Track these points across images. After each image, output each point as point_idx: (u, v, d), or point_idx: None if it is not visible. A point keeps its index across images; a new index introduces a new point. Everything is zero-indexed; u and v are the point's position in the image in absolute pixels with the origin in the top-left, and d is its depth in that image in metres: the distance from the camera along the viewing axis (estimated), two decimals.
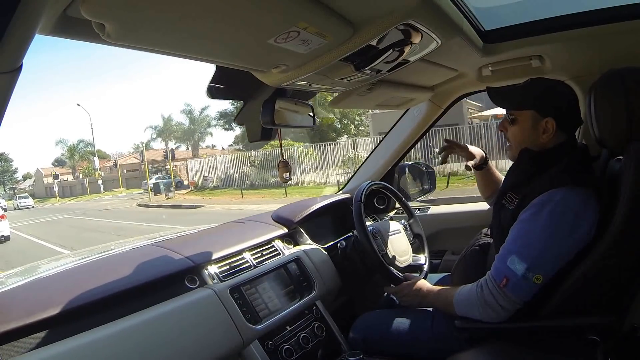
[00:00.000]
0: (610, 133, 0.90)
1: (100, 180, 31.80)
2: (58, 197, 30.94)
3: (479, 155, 1.37)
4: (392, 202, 1.86)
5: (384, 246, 1.32)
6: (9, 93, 0.46)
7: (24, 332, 0.77)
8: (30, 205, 28.83)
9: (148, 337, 0.87)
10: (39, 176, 42.89)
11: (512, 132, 1.05)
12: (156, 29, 0.55)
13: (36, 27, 0.42)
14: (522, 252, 0.90)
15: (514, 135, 1.05)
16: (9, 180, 46.53)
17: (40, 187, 41.10)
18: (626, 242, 0.85)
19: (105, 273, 1.00)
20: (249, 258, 1.22)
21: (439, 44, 0.87)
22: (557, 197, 0.89)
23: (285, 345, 1.09)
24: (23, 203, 28.77)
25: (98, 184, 31.53)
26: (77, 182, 36.62)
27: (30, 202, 29.60)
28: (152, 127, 34.69)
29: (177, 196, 18.10)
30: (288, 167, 1.24)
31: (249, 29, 0.61)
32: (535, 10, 1.08)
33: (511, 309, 0.92)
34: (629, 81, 0.87)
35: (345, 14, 0.67)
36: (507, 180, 1.09)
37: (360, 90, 1.15)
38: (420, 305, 1.16)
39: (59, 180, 32.53)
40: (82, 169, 36.57)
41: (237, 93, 1.11)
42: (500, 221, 1.03)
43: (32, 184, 45.44)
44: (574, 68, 1.32)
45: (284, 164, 1.23)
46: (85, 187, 32.78)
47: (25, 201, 29.31)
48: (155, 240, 1.35)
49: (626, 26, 1.00)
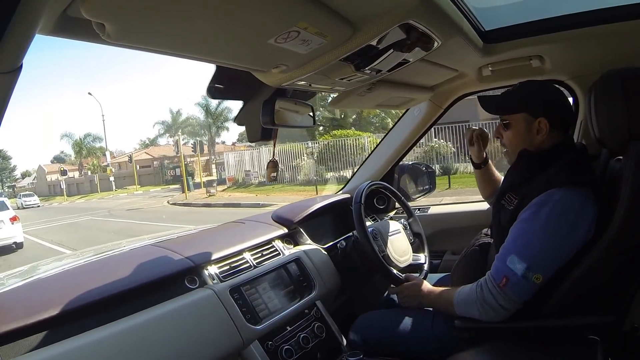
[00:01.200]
0: (610, 133, 0.90)
1: (112, 176, 28.49)
2: (66, 196, 29.33)
3: (482, 152, 1.38)
4: (392, 202, 1.86)
5: (384, 247, 1.32)
6: (9, 93, 0.46)
7: (24, 332, 0.77)
8: (36, 204, 26.63)
9: (148, 337, 0.86)
10: (41, 173, 40.99)
11: (507, 137, 1.06)
12: (156, 29, 0.55)
13: (36, 27, 0.42)
14: (522, 251, 0.91)
15: (510, 140, 1.06)
16: (7, 178, 45.69)
17: (42, 184, 39.04)
18: (626, 241, 0.85)
19: (105, 273, 1.00)
20: (249, 258, 1.22)
21: (438, 44, 0.87)
22: (556, 196, 0.90)
23: (285, 345, 1.09)
24: (28, 202, 26.37)
25: (109, 181, 28.46)
26: (84, 179, 34.50)
27: (35, 200, 27.16)
28: (160, 123, 33.41)
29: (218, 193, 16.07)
30: (276, 167, 1.25)
31: (249, 29, 0.61)
32: (535, 11, 1.08)
33: (511, 308, 0.93)
34: (628, 81, 0.87)
35: (345, 14, 0.67)
36: (506, 181, 1.10)
37: (360, 90, 1.15)
38: (420, 306, 1.16)
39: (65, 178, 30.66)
40: (88, 166, 34.17)
41: (237, 93, 1.11)
42: (499, 221, 1.03)
43: (33, 181, 44.04)
44: (573, 68, 1.32)
45: (274, 163, 1.25)
46: (95, 185, 30.43)
47: (30, 200, 26.84)
48: (155, 241, 1.35)
49: (626, 26, 1.00)
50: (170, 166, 30.39)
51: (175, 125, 31.64)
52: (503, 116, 1.07)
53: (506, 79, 1.43)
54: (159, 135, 34.73)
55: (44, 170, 40.48)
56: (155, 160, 33.01)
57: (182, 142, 34.21)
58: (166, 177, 29.93)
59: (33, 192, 29.72)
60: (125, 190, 28.48)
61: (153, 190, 25.38)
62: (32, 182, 44.32)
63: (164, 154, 32.80)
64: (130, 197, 22.26)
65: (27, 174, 49.38)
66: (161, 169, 31.38)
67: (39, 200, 27.89)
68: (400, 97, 1.44)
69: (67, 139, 33.73)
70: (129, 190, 27.85)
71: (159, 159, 33.12)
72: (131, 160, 27.76)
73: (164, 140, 35.20)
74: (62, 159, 43.36)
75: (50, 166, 42.19)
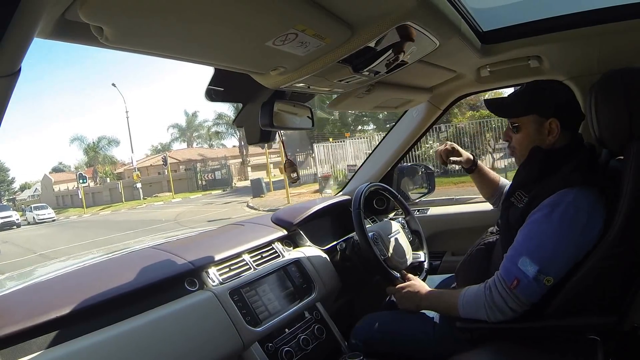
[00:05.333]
0: (611, 133, 0.90)
1: (139, 182, 23.84)
2: (85, 207, 24.46)
3: (464, 157, 1.37)
4: (391, 203, 1.85)
5: (386, 250, 1.32)
6: (8, 97, 0.46)
7: (25, 335, 0.77)
8: (51, 217, 22.75)
9: (148, 339, 0.87)
10: (47, 183, 37.03)
11: (517, 140, 1.04)
12: (154, 33, 0.55)
13: (35, 31, 0.42)
14: (534, 253, 0.89)
15: (520, 143, 1.04)
16: (5, 191, 42.43)
17: (49, 195, 34.38)
18: (627, 241, 0.85)
19: (105, 276, 1.00)
20: (248, 260, 1.22)
21: (437, 45, 0.87)
22: (569, 197, 0.88)
23: (286, 347, 1.09)
24: (41, 215, 22.56)
25: (136, 188, 24.03)
26: (103, 188, 29.78)
27: (50, 213, 23.17)
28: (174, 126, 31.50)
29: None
30: (294, 167, 1.17)
31: (246, 32, 0.61)
32: (533, 11, 1.08)
33: (519, 310, 0.91)
34: (629, 81, 0.88)
35: (343, 16, 0.67)
36: (517, 178, 1.07)
37: (358, 91, 1.15)
38: (418, 309, 1.14)
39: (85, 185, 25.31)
40: (100, 173, 30.87)
41: (235, 95, 1.11)
42: (508, 219, 1.02)
43: (34, 193, 41.26)
44: (572, 68, 1.32)
45: (290, 162, 1.17)
46: (119, 193, 26.13)
47: (44, 212, 22.93)
48: (154, 243, 1.35)
49: (623, 26, 1.00)
50: (208, 169, 26.62)
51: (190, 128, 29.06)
52: (512, 119, 1.05)
53: (504, 79, 1.43)
54: (173, 140, 32.80)
55: (50, 180, 36.67)
56: (181, 164, 29.01)
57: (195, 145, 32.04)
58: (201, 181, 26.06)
59: (46, 204, 25.44)
60: (156, 198, 24.66)
61: (194, 197, 21.89)
62: (33, 194, 41.73)
63: (188, 157, 29.21)
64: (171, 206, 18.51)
65: (27, 186, 47.26)
66: (194, 174, 26.89)
67: (53, 212, 23.87)
68: (399, 99, 1.44)
69: (79, 143, 30.32)
70: (161, 198, 24.10)
71: (185, 162, 28.99)
72: (166, 163, 22.57)
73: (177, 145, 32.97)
74: (61, 170, 41.04)
75: (57, 175, 38.72)
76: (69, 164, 38.61)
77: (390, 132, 1.85)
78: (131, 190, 24.87)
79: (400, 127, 1.80)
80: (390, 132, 1.85)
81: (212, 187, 24.80)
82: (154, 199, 24.05)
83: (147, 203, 22.74)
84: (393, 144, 1.81)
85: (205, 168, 27.15)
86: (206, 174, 26.25)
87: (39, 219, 22.35)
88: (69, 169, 38.43)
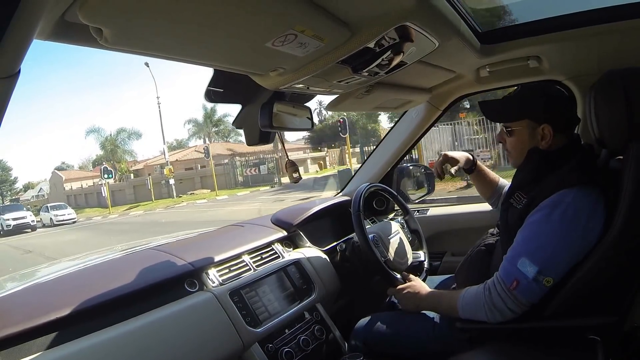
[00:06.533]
0: (610, 133, 0.90)
1: (172, 178, 20.93)
2: (110, 206, 21.09)
3: (462, 158, 1.37)
4: (391, 204, 1.85)
5: (386, 252, 1.32)
6: (7, 98, 0.46)
7: (24, 336, 0.77)
8: (72, 218, 19.92)
9: (148, 341, 0.87)
10: (56, 181, 33.07)
11: (511, 143, 1.05)
12: (153, 34, 0.55)
13: (34, 32, 0.42)
14: (534, 254, 0.89)
15: (514, 147, 1.04)
16: (8, 191, 40.98)
17: (58, 194, 29.96)
18: (627, 242, 0.85)
19: (105, 277, 1.00)
20: (248, 261, 1.21)
21: (436, 46, 0.87)
22: (568, 198, 0.88)
23: (286, 348, 1.09)
24: (60, 216, 19.79)
25: (169, 185, 21.03)
26: (126, 185, 25.66)
27: (70, 214, 20.29)
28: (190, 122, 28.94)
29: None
30: (295, 167, 1.16)
31: (246, 33, 0.61)
32: (532, 11, 1.08)
33: (518, 311, 0.91)
34: (628, 81, 0.87)
35: (341, 17, 0.67)
36: (515, 179, 1.07)
37: (358, 92, 1.15)
38: (418, 309, 1.15)
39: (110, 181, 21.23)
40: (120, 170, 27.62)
41: (235, 96, 1.11)
42: (507, 220, 1.01)
43: (39, 193, 38.76)
44: (571, 68, 1.32)
45: (291, 163, 1.17)
46: (147, 190, 22.36)
47: (63, 213, 20.11)
48: (155, 244, 1.35)
49: (623, 26, 1.00)
50: (250, 164, 23.00)
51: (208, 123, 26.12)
52: (506, 123, 1.05)
53: (504, 79, 1.43)
54: (191, 136, 30.08)
55: (61, 178, 32.65)
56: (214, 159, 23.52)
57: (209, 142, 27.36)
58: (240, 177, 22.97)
59: (65, 204, 22.45)
60: (193, 196, 21.29)
61: (241, 194, 18.99)
62: (37, 194, 39.20)
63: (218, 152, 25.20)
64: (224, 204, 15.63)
65: (31, 185, 45.43)
66: (232, 168, 23.42)
67: (74, 213, 20.81)
68: (398, 99, 1.44)
69: (96, 135, 27.07)
70: (199, 195, 20.80)
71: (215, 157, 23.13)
72: (208, 155, 19.74)
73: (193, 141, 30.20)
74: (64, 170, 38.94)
75: (68, 172, 35.02)
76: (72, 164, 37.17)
77: (390, 132, 1.85)
78: (159, 187, 22.05)
79: (400, 128, 1.80)
80: (390, 133, 1.85)
81: (254, 183, 21.91)
82: (191, 197, 20.96)
83: (186, 201, 19.73)
84: (393, 144, 1.81)
85: (248, 162, 23.75)
86: (248, 169, 23.15)
87: (57, 220, 19.49)
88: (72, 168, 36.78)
